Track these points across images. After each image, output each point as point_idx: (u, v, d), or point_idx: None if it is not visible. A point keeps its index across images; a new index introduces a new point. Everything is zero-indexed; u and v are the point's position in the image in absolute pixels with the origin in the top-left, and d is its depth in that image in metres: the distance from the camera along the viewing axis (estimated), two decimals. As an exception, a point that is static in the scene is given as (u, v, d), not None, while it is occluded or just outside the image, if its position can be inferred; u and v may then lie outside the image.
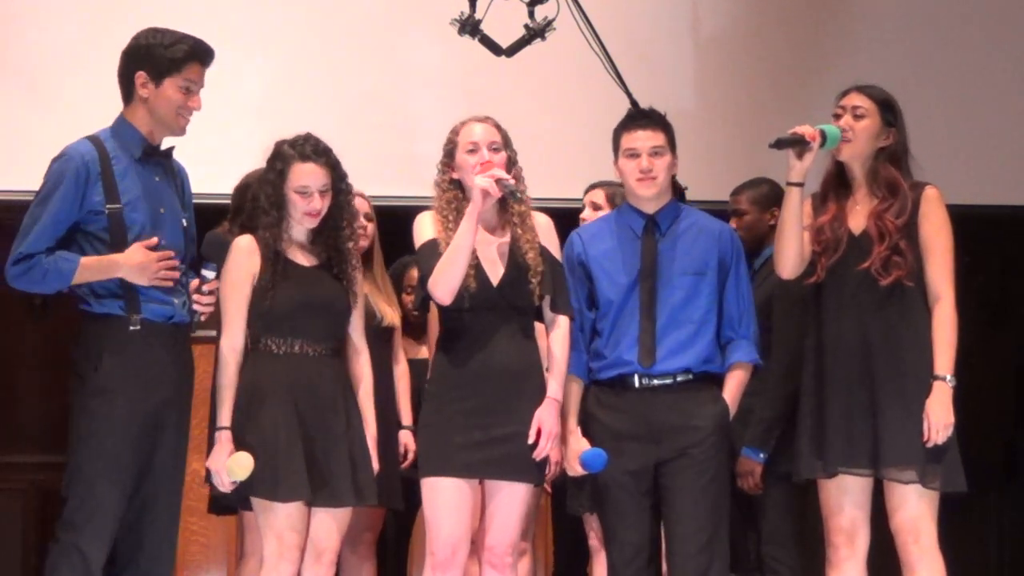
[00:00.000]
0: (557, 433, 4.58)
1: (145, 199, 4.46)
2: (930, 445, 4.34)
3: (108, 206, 4.40)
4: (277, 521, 4.44)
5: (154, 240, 4.40)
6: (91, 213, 4.40)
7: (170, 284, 4.42)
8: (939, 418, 4.34)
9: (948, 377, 4.37)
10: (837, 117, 4.53)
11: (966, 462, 4.44)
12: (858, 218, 4.50)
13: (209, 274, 4.51)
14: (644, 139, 4.54)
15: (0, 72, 6.34)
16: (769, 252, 5.02)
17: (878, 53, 6.57)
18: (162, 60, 4.45)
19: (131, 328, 4.40)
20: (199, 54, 4.50)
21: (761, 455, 5.16)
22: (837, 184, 4.56)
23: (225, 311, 4.55)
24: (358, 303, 4.67)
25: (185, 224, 4.57)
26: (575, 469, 4.52)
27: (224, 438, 4.46)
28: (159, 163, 4.54)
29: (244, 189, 5.10)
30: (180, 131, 4.54)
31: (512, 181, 4.50)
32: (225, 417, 4.48)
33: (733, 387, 4.57)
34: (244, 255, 4.55)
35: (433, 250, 4.53)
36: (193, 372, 4.67)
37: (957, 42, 6.77)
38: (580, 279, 4.61)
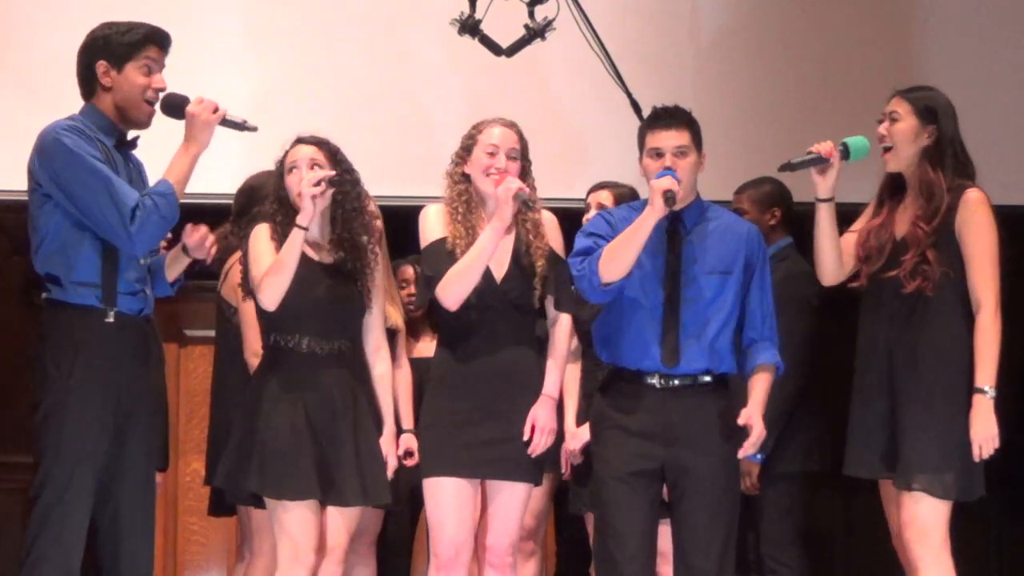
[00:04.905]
0: (552, 429, 4.59)
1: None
2: (977, 460, 4.28)
3: None
4: (290, 523, 4.43)
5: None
6: None
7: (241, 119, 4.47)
8: (979, 432, 4.27)
9: (987, 388, 4.28)
10: (880, 123, 4.47)
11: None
12: (904, 224, 4.43)
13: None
14: (668, 139, 4.42)
15: (0, 72, 6.34)
16: (770, 251, 5.01)
17: (878, 51, 6.57)
18: (119, 47, 4.43)
19: (106, 321, 4.33)
20: (155, 37, 4.48)
21: (758, 456, 5.16)
22: (891, 190, 4.48)
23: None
24: (377, 299, 4.66)
25: None
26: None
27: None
28: (126, 153, 4.49)
29: (247, 191, 5.09)
30: (146, 118, 4.47)
31: (527, 191, 4.51)
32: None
33: (760, 392, 4.46)
34: (264, 243, 4.53)
35: (441, 250, 4.54)
36: (163, 363, 4.65)
37: (959, 42, 6.77)
38: (606, 234, 4.44)
